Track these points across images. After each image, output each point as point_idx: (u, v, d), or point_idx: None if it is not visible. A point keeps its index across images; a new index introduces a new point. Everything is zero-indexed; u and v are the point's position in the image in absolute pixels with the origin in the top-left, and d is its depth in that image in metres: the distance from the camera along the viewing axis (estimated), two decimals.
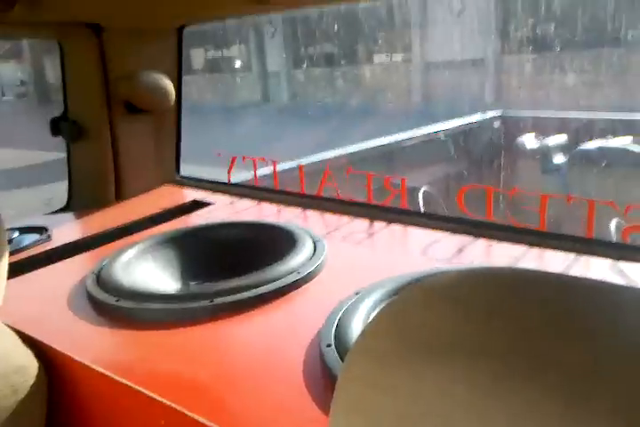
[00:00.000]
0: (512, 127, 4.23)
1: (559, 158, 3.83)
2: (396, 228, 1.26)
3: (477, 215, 1.22)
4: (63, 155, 1.57)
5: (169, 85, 1.55)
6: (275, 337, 0.86)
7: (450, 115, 4.53)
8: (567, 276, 0.39)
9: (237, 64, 16.17)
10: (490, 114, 4.39)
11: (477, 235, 1.16)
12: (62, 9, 1.26)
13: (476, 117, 4.38)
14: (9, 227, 1.33)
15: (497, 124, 4.29)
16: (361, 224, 1.29)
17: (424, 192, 2.82)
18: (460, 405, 0.35)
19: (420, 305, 0.40)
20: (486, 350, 0.35)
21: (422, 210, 2.80)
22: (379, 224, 1.28)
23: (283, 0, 1.24)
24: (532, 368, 0.33)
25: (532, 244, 1.09)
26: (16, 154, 8.43)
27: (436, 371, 0.36)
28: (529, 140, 3.95)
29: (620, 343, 0.33)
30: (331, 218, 1.35)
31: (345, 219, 1.33)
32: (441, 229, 1.21)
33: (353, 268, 1.06)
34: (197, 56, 15.39)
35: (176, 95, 1.58)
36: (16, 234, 1.30)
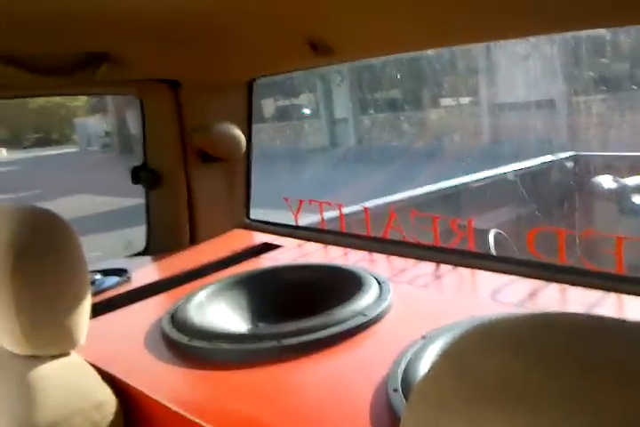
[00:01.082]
0: (585, 168, 4.10)
1: (638, 199, 3.67)
2: (464, 271, 1.24)
3: (549, 258, 1.19)
4: (140, 200, 1.67)
5: (240, 135, 1.63)
6: (341, 380, 0.87)
7: (519, 156, 4.46)
8: (632, 322, 0.38)
9: (306, 112, 16.67)
10: (562, 155, 4.29)
11: (550, 279, 1.13)
12: (144, 68, 1.37)
13: (547, 158, 4.28)
14: (92, 269, 1.41)
15: (569, 164, 4.18)
16: (427, 267, 1.29)
17: (495, 234, 2.76)
18: None
19: (478, 350, 0.41)
20: (546, 399, 0.35)
21: (493, 253, 2.74)
22: (445, 267, 1.27)
23: (346, 52, 1.30)
24: (593, 418, 0.33)
25: (608, 289, 1.05)
26: (99, 200, 8.96)
27: (494, 418, 0.36)
28: (605, 181, 3.82)
29: None
30: (397, 261, 1.35)
31: (411, 262, 1.33)
32: (511, 272, 1.18)
33: (419, 311, 1.06)
34: (268, 105, 16.00)
35: (247, 144, 1.66)
36: (98, 276, 1.38)
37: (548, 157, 4.32)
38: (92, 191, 9.48)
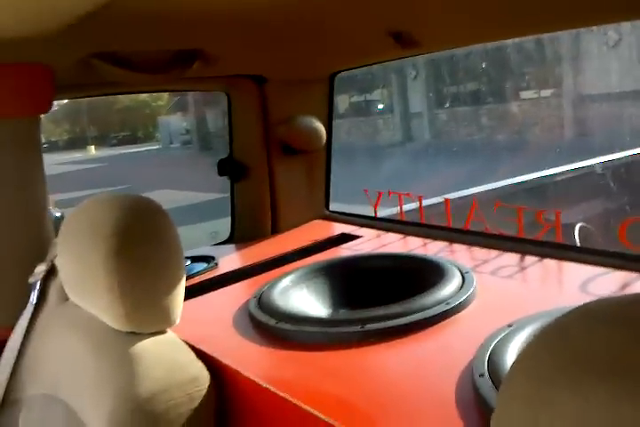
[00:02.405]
0: None
1: None
2: (550, 262, 1.21)
3: None
4: (218, 195, 1.73)
5: (321, 128, 1.67)
6: (425, 365, 0.88)
7: (606, 150, 4.25)
8: None
9: (380, 107, 16.58)
10: None
11: None
12: (232, 64, 1.43)
13: (637, 150, 4.05)
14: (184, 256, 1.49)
15: None
16: (511, 258, 1.26)
17: (581, 228, 2.64)
18: (627, 424, 0.35)
19: (581, 327, 0.41)
20: None
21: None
22: (530, 259, 1.24)
23: (429, 43, 1.30)
24: None
25: None
26: (181, 195, 9.34)
27: (602, 391, 0.36)
28: None
29: None
30: (479, 252, 1.34)
31: (494, 253, 1.31)
32: (600, 264, 1.14)
33: (504, 301, 1.05)
34: (342, 101, 16.04)
35: (327, 137, 1.70)
36: (188, 262, 1.46)
37: (638, 150, 4.09)
38: (173, 187, 9.89)
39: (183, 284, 0.99)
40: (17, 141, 1.19)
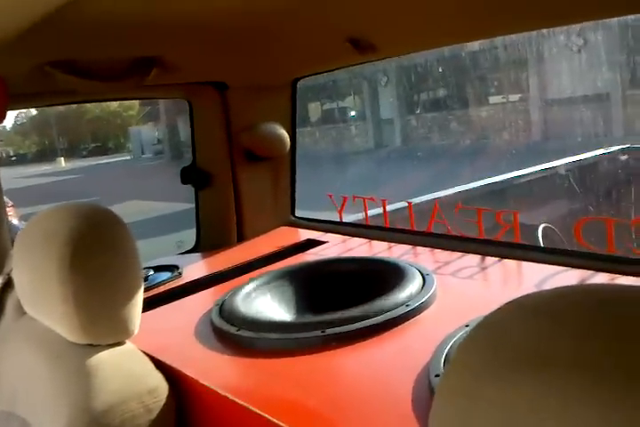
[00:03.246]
0: None
1: None
2: (510, 263, 1.23)
3: (600, 249, 1.16)
4: (191, 205, 1.73)
5: (285, 134, 1.67)
6: (384, 367, 0.88)
7: (571, 152, 4.34)
8: None
9: (352, 113, 16.68)
10: (615, 147, 4.15)
11: (599, 269, 1.10)
12: (192, 71, 1.43)
13: (599, 151, 4.15)
14: (145, 266, 1.47)
15: (624, 157, 4.03)
16: (472, 259, 1.28)
17: (544, 229, 2.69)
18: (552, 416, 0.35)
19: (514, 320, 0.42)
20: (580, 363, 0.35)
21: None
22: (491, 259, 1.26)
23: (387, 48, 1.31)
24: (629, 379, 0.33)
25: None
26: (150, 205, 9.24)
27: (529, 383, 0.36)
28: None
29: None
30: (441, 254, 1.35)
31: (456, 255, 1.32)
32: (558, 263, 1.16)
33: (463, 302, 1.06)
34: (314, 109, 16.10)
35: (291, 142, 1.70)
36: (151, 272, 1.44)
37: (600, 151, 4.18)
38: (143, 197, 9.78)
39: (141, 294, 0.97)
40: None
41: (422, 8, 1.07)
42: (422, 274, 1.14)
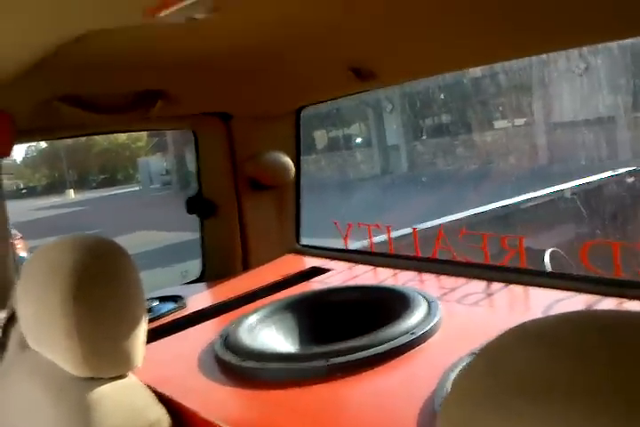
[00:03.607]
0: None
1: None
2: (516, 288, 1.22)
3: (607, 273, 1.15)
4: (196, 235, 1.73)
5: (289, 162, 1.68)
6: (389, 397, 0.86)
7: (578, 175, 4.33)
8: None
9: (358, 140, 16.81)
10: (621, 170, 4.14)
11: (607, 293, 1.09)
12: (196, 103, 1.45)
13: (605, 174, 4.14)
14: (150, 297, 1.47)
15: (630, 179, 4.02)
16: (478, 285, 1.27)
17: (552, 253, 2.67)
18: None
19: (514, 347, 0.41)
20: (582, 389, 0.35)
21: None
22: (497, 285, 1.25)
23: (388, 76, 1.33)
24: (629, 405, 0.33)
25: None
26: (159, 235, 9.27)
27: (531, 411, 0.36)
28: None
29: None
30: (446, 280, 1.34)
31: (462, 281, 1.31)
32: (565, 288, 1.15)
33: (469, 329, 1.04)
34: (320, 137, 16.24)
35: (295, 170, 1.71)
36: (156, 303, 1.44)
37: (607, 173, 4.17)
38: (152, 227, 9.82)
39: (145, 326, 0.97)
40: None
41: (422, 36, 1.09)
42: (427, 301, 1.13)
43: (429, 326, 1.02)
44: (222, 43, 1.07)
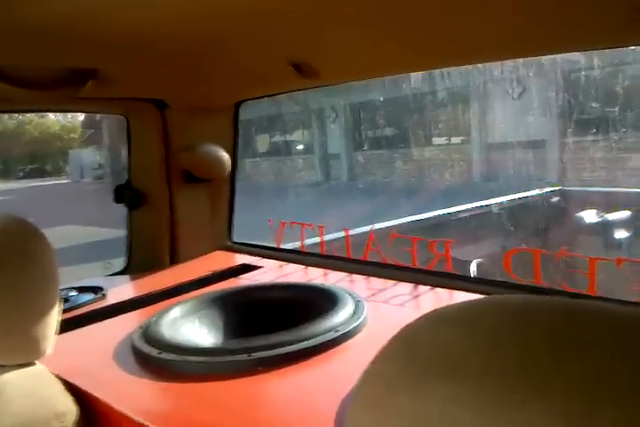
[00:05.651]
0: (571, 202, 4.15)
1: (622, 233, 3.71)
2: (441, 291, 1.24)
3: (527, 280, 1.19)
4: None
5: (225, 156, 1.65)
6: (310, 393, 0.85)
7: (507, 192, 4.50)
8: (575, 301, 0.39)
9: (300, 147, 16.85)
10: (547, 189, 4.34)
11: None
12: (130, 87, 1.40)
13: (533, 192, 4.34)
14: (69, 286, 1.40)
15: (555, 199, 4.22)
16: (405, 288, 1.28)
17: (478, 264, 2.75)
18: (464, 425, 0.34)
19: (427, 330, 0.41)
20: (490, 369, 0.35)
21: None
22: (423, 288, 1.27)
23: (331, 75, 1.33)
24: (535, 385, 0.33)
25: None
26: (86, 230, 8.92)
27: (440, 393, 0.36)
28: (590, 216, 3.86)
29: (619, 362, 0.33)
30: (375, 282, 1.35)
31: (390, 282, 1.33)
32: (488, 293, 1.18)
33: (393, 328, 1.05)
34: (263, 141, 16.17)
35: (231, 166, 1.68)
36: (74, 293, 1.37)
37: (534, 191, 4.37)
38: (78, 222, 9.43)
39: (56, 313, 0.91)
40: None
41: (365, 37, 1.09)
42: (355, 300, 1.13)
43: (354, 325, 1.02)
44: (159, 24, 1.03)
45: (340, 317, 1.04)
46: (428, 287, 1.27)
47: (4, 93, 1.16)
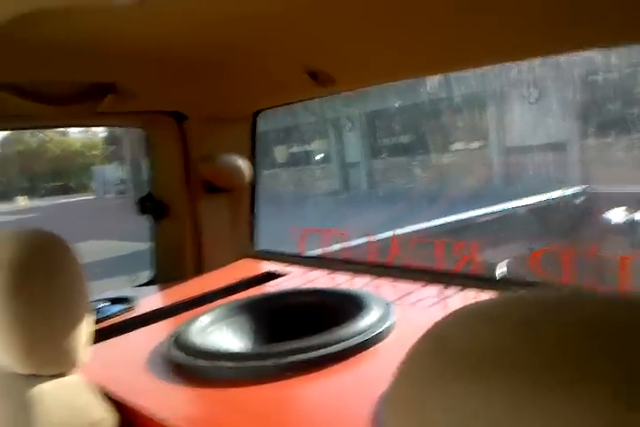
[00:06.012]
0: (596, 203, 4.09)
1: None
2: (470, 293, 1.23)
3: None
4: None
5: (244, 165, 1.66)
6: (340, 397, 0.85)
7: (530, 195, 4.45)
8: (606, 294, 0.38)
9: (318, 157, 16.90)
10: (571, 190, 4.29)
11: None
12: (149, 100, 1.42)
13: (557, 193, 4.28)
14: (99, 298, 1.42)
15: (580, 199, 4.17)
16: (433, 290, 1.28)
17: (506, 264, 2.72)
18: (499, 421, 0.34)
19: (457, 326, 0.41)
20: (524, 365, 0.35)
21: None
22: (452, 290, 1.26)
23: (346, 81, 1.34)
24: (572, 381, 0.33)
25: None
26: (111, 245, 9.04)
27: (474, 390, 0.35)
28: (616, 215, 3.80)
29: None
30: (402, 285, 1.34)
31: (417, 285, 1.32)
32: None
33: (422, 330, 1.04)
34: (281, 152, 16.26)
35: (252, 175, 1.69)
36: (104, 304, 1.39)
37: (558, 192, 4.32)
38: (104, 237, 9.56)
39: (89, 324, 0.93)
40: None
41: (379, 43, 1.10)
42: (382, 304, 1.13)
43: (383, 328, 1.02)
44: (175, 36, 1.04)
45: (367, 320, 1.04)
46: (456, 289, 1.25)
47: (24, 110, 1.18)
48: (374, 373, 0.90)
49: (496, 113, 11.96)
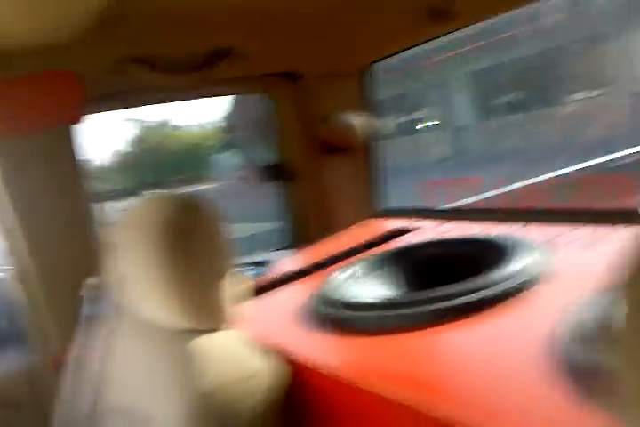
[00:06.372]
0: None
1: None
2: (624, 230, 1.11)
3: None
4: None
5: (362, 123, 1.61)
6: (502, 340, 0.80)
7: None
8: None
9: (427, 123, 16.49)
10: None
11: None
12: (264, 62, 1.41)
13: None
14: (239, 262, 1.46)
15: None
16: (583, 231, 1.17)
17: None
18: None
19: None
20: None
21: None
22: (602, 229, 1.14)
23: (467, 13, 1.24)
24: None
25: None
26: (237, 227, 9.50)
27: None
28: None
29: None
30: (548, 228, 1.24)
31: (566, 228, 1.21)
32: None
33: (581, 273, 0.95)
34: (388, 123, 16.05)
35: (370, 132, 1.65)
36: (245, 268, 1.43)
37: None
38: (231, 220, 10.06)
39: (238, 281, 0.95)
40: (48, 153, 1.17)
41: None
42: (532, 247, 1.05)
43: (537, 271, 0.94)
44: None
45: (520, 264, 0.97)
46: (608, 228, 1.13)
47: (151, 81, 1.21)
48: (535, 315, 0.84)
49: (622, 57, 10.91)
